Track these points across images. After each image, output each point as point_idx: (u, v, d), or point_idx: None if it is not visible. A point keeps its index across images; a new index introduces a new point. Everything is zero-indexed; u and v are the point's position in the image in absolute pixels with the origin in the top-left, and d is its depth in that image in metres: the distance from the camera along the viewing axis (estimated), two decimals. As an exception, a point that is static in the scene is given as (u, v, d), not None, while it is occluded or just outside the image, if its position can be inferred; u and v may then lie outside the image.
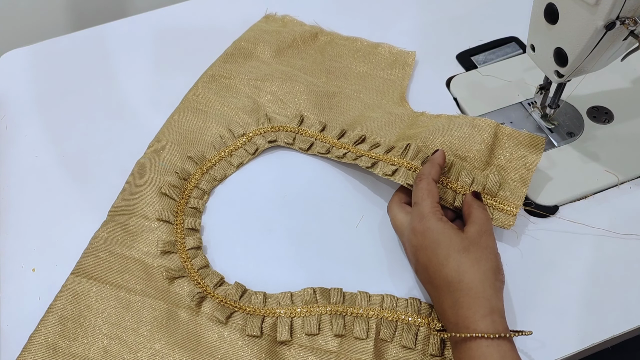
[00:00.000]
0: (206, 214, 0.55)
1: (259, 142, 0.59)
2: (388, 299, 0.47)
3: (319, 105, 0.61)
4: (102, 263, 0.50)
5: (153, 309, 0.47)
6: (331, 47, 0.68)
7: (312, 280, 0.50)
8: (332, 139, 0.58)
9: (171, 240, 0.51)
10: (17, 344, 0.46)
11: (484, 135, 0.54)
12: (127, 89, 0.67)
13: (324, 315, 0.47)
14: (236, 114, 0.61)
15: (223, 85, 0.64)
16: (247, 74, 0.64)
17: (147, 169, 0.56)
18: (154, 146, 0.59)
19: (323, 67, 0.66)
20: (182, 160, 0.57)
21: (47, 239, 0.54)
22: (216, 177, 0.57)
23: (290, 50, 0.67)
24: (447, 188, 0.51)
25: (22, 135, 0.63)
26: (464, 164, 0.53)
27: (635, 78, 0.63)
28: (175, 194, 0.54)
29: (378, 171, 0.53)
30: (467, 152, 0.53)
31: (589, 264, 0.50)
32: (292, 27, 0.70)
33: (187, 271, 0.50)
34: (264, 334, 0.46)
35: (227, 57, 0.67)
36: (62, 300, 0.48)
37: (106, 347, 0.46)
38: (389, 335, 0.46)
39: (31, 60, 0.71)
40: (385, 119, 0.59)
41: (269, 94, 0.62)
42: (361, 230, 0.53)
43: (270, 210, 0.55)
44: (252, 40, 0.68)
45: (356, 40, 0.69)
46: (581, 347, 0.45)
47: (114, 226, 0.52)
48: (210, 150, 0.58)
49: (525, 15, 0.52)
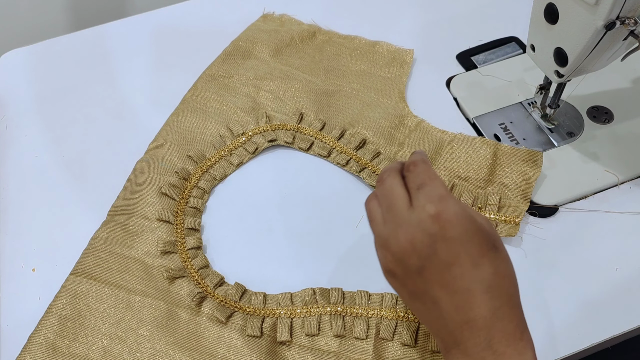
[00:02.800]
0: (206, 214, 0.55)
1: (258, 141, 0.59)
2: (387, 297, 0.47)
3: (317, 103, 0.62)
4: (102, 263, 0.50)
5: (153, 308, 0.47)
6: (329, 45, 0.68)
7: (312, 279, 0.50)
8: (332, 139, 0.58)
9: (171, 240, 0.51)
10: (17, 344, 0.47)
11: (484, 155, 0.55)
12: (127, 89, 0.67)
13: (323, 316, 0.47)
14: (235, 113, 0.61)
15: (222, 85, 0.64)
16: (245, 73, 0.65)
17: (147, 169, 0.56)
18: (154, 147, 0.59)
19: (321, 66, 0.66)
20: (182, 160, 0.57)
21: (47, 239, 0.54)
22: (216, 177, 0.57)
23: (289, 49, 0.68)
24: None
25: (22, 135, 0.63)
26: (466, 184, 0.54)
27: (635, 78, 0.63)
28: (175, 194, 0.54)
29: (365, 177, 0.55)
30: (467, 172, 0.55)
31: (589, 263, 0.50)
32: (289, 26, 0.70)
33: (187, 271, 0.50)
34: (264, 335, 0.46)
35: (225, 56, 0.67)
36: (62, 300, 0.48)
37: (106, 347, 0.46)
38: (389, 334, 0.46)
39: (31, 60, 0.71)
40: (384, 120, 0.59)
41: (267, 93, 0.63)
42: (361, 230, 0.53)
43: (269, 209, 0.55)
44: (250, 39, 0.68)
45: (354, 38, 0.69)
46: (581, 347, 0.45)
47: (113, 226, 0.52)
48: (210, 149, 0.58)
49: (525, 15, 0.52)
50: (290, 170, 0.58)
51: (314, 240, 0.53)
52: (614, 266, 0.49)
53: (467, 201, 0.52)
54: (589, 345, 0.46)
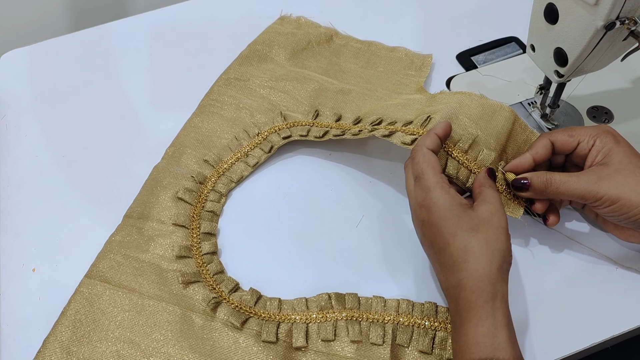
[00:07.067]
0: (222, 217, 0.55)
1: (274, 139, 0.59)
2: (404, 304, 0.47)
3: (334, 100, 0.61)
4: (117, 266, 0.50)
5: (167, 313, 0.47)
6: (346, 50, 0.68)
7: (311, 279, 0.50)
8: (348, 124, 0.58)
9: (187, 244, 0.51)
10: (17, 344, 0.47)
11: (506, 121, 0.51)
12: (127, 89, 0.67)
13: (339, 321, 0.46)
14: (252, 116, 0.61)
15: (238, 88, 0.64)
16: (261, 76, 0.64)
17: (163, 174, 0.56)
18: (171, 152, 0.58)
19: (338, 68, 0.66)
20: (199, 164, 0.57)
21: (47, 239, 0.54)
22: (233, 179, 0.57)
23: (305, 52, 0.68)
24: (462, 166, 0.48)
25: (22, 135, 0.63)
26: (488, 141, 0.50)
27: (635, 78, 0.63)
28: (191, 198, 0.54)
29: (396, 140, 0.50)
30: (489, 135, 0.50)
31: (589, 263, 0.50)
32: (307, 28, 0.70)
33: (202, 276, 0.49)
34: (280, 340, 0.46)
35: (242, 60, 0.67)
36: (76, 304, 0.47)
37: (119, 351, 0.45)
38: (406, 340, 0.45)
39: (31, 60, 0.71)
40: (402, 104, 0.57)
41: (283, 93, 0.62)
42: (361, 230, 0.53)
43: (271, 210, 0.55)
44: (267, 42, 0.68)
45: (372, 43, 0.68)
46: (581, 347, 0.45)
47: (129, 230, 0.52)
48: (227, 152, 0.58)
49: (525, 15, 0.52)
50: (289, 170, 0.58)
51: (314, 241, 0.53)
52: (614, 266, 0.49)
53: (486, 159, 0.48)
54: (589, 345, 0.46)
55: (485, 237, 0.41)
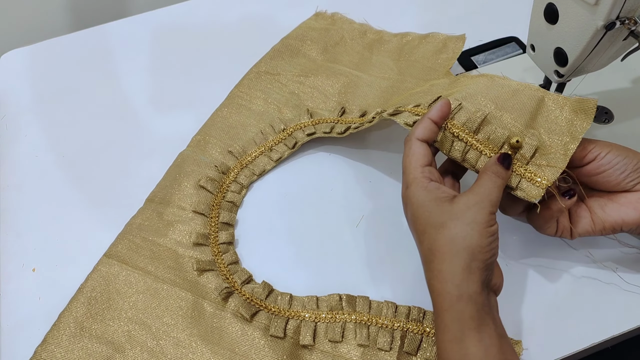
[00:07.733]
0: (241, 209, 0.55)
1: (298, 136, 0.59)
2: (415, 311, 0.46)
3: (362, 94, 0.61)
4: (135, 248, 0.50)
5: (179, 298, 0.48)
6: (379, 43, 0.68)
7: (311, 279, 0.50)
8: (369, 118, 0.57)
9: (204, 232, 0.52)
10: (17, 344, 0.47)
11: (529, 99, 0.46)
12: (127, 89, 0.67)
13: (348, 323, 0.46)
14: (279, 110, 0.61)
15: (268, 82, 0.64)
16: (292, 70, 0.65)
17: (188, 161, 0.57)
18: (196, 140, 0.59)
19: (369, 62, 0.66)
20: (223, 155, 0.58)
21: (47, 239, 0.54)
22: (255, 172, 0.57)
23: (338, 48, 0.68)
24: (471, 147, 0.44)
25: (22, 135, 0.63)
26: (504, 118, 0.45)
27: (635, 78, 0.63)
28: (213, 187, 0.55)
29: (400, 120, 0.47)
30: (506, 113, 0.46)
31: (589, 263, 0.50)
32: (341, 24, 0.71)
33: (216, 265, 0.50)
34: (287, 336, 0.46)
35: (274, 53, 0.67)
36: (92, 282, 0.48)
37: (130, 331, 0.46)
38: (413, 348, 0.45)
39: (31, 60, 0.71)
40: (425, 91, 0.55)
41: (312, 89, 0.63)
42: (361, 230, 0.53)
43: (271, 210, 0.55)
44: (300, 37, 0.68)
45: (406, 34, 0.69)
46: (581, 347, 0.45)
47: (149, 213, 0.53)
48: (251, 145, 0.59)
49: (525, 15, 0.52)
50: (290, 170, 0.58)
51: (314, 241, 0.53)
52: (614, 265, 0.49)
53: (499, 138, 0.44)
54: (589, 345, 0.46)
55: (451, 235, 0.38)
